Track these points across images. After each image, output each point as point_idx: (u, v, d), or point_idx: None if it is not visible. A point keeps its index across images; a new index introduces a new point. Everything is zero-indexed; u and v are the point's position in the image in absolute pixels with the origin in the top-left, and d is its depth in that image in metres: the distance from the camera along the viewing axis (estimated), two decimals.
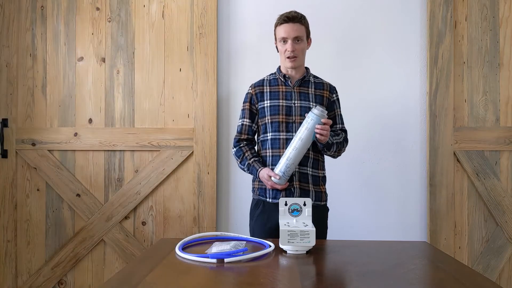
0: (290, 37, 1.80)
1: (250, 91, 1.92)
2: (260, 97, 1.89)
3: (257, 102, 1.89)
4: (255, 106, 1.90)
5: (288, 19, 1.81)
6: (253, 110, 1.91)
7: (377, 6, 2.44)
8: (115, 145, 2.45)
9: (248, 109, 1.91)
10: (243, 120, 1.91)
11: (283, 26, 1.82)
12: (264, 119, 1.87)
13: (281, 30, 1.82)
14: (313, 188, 1.83)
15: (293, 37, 1.80)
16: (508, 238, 2.38)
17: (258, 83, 1.93)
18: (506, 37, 2.41)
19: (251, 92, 1.91)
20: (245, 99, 1.93)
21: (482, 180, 2.39)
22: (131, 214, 2.46)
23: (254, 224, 1.88)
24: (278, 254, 1.24)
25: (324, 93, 1.90)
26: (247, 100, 1.92)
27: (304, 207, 1.36)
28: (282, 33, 1.81)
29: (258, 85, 1.92)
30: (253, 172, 1.84)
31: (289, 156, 1.68)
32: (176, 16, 2.47)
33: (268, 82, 1.91)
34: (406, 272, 1.05)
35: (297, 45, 1.81)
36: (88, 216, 2.45)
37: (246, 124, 1.91)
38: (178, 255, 1.22)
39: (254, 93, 1.90)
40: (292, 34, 1.80)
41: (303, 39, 1.84)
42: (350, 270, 1.11)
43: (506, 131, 2.40)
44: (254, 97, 1.90)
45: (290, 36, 1.80)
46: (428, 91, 2.41)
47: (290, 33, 1.80)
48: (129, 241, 2.44)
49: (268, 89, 1.89)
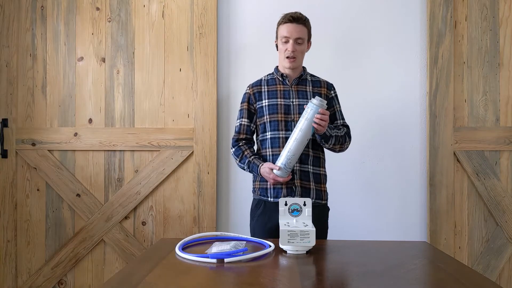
0: (292, 37, 1.81)
1: (248, 91, 1.93)
2: (258, 97, 1.89)
3: (255, 102, 1.90)
4: (253, 106, 1.90)
5: (292, 19, 1.82)
6: (251, 110, 1.91)
7: (377, 6, 2.44)
8: (115, 145, 2.45)
9: (246, 109, 1.91)
10: (241, 120, 1.91)
11: (287, 26, 1.82)
12: (262, 118, 1.87)
13: (284, 29, 1.83)
14: (315, 186, 1.84)
15: (295, 37, 1.81)
16: (508, 238, 2.38)
17: (256, 83, 1.94)
18: (506, 37, 2.41)
19: (249, 92, 1.92)
20: (243, 99, 1.93)
21: (482, 180, 2.39)
22: (131, 214, 2.46)
23: (254, 224, 1.88)
24: (278, 254, 1.25)
25: (322, 90, 1.90)
26: (245, 100, 1.92)
27: (304, 207, 1.36)
28: (285, 32, 1.82)
29: (256, 85, 1.92)
30: (254, 169, 1.84)
31: (290, 148, 1.67)
32: (176, 16, 2.47)
33: (266, 82, 1.91)
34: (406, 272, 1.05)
35: (297, 46, 1.82)
36: (88, 216, 2.45)
37: (244, 124, 1.90)
38: (178, 255, 1.22)
39: (252, 93, 1.91)
40: (294, 34, 1.81)
41: (304, 41, 1.85)
42: (350, 270, 1.11)
43: (506, 131, 2.40)
44: (252, 96, 1.90)
45: (292, 36, 1.81)
46: (428, 91, 2.41)
47: (293, 33, 1.81)
48: (129, 241, 2.44)
49: (266, 89, 1.89)
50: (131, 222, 2.46)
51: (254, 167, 1.83)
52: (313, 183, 1.83)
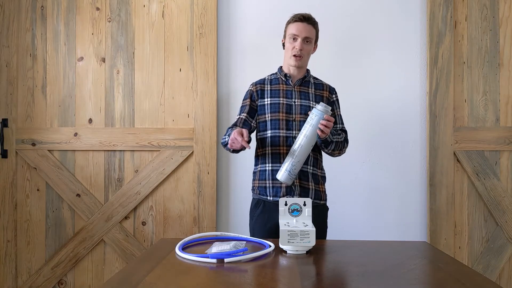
0: (301, 36, 1.83)
1: (251, 88, 1.94)
2: (261, 95, 1.90)
3: (258, 99, 1.91)
4: (255, 103, 1.91)
5: (303, 18, 1.85)
6: (253, 106, 1.92)
7: (377, 6, 2.44)
8: (115, 145, 2.45)
9: (248, 105, 1.91)
10: (241, 114, 1.92)
11: (296, 24, 1.84)
12: (263, 116, 1.88)
13: (293, 27, 1.85)
14: (314, 186, 1.84)
15: (303, 36, 1.83)
16: (508, 238, 2.38)
17: (259, 81, 1.95)
18: (506, 37, 2.41)
19: (252, 89, 1.93)
20: (246, 96, 1.95)
21: (482, 180, 2.39)
22: (131, 214, 2.46)
23: (254, 224, 1.88)
24: (278, 254, 1.25)
25: (324, 93, 1.92)
26: (248, 97, 1.93)
27: (304, 207, 1.36)
28: (294, 30, 1.84)
29: (260, 83, 1.94)
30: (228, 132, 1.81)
31: (295, 154, 1.66)
32: (176, 16, 2.47)
33: (269, 81, 1.93)
34: (406, 272, 1.05)
35: (305, 45, 1.85)
36: (88, 216, 2.45)
37: (242, 117, 1.90)
38: (178, 255, 1.22)
39: (255, 90, 1.92)
40: (303, 33, 1.83)
41: (312, 42, 1.87)
42: (350, 270, 1.11)
43: (506, 131, 2.40)
44: (255, 94, 1.91)
45: (301, 34, 1.83)
46: (428, 91, 2.41)
47: (302, 32, 1.83)
48: (129, 241, 2.44)
49: (269, 88, 1.91)
50: (131, 222, 2.46)
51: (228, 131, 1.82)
52: (312, 183, 1.84)
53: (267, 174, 1.84)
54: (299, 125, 1.81)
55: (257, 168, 1.90)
